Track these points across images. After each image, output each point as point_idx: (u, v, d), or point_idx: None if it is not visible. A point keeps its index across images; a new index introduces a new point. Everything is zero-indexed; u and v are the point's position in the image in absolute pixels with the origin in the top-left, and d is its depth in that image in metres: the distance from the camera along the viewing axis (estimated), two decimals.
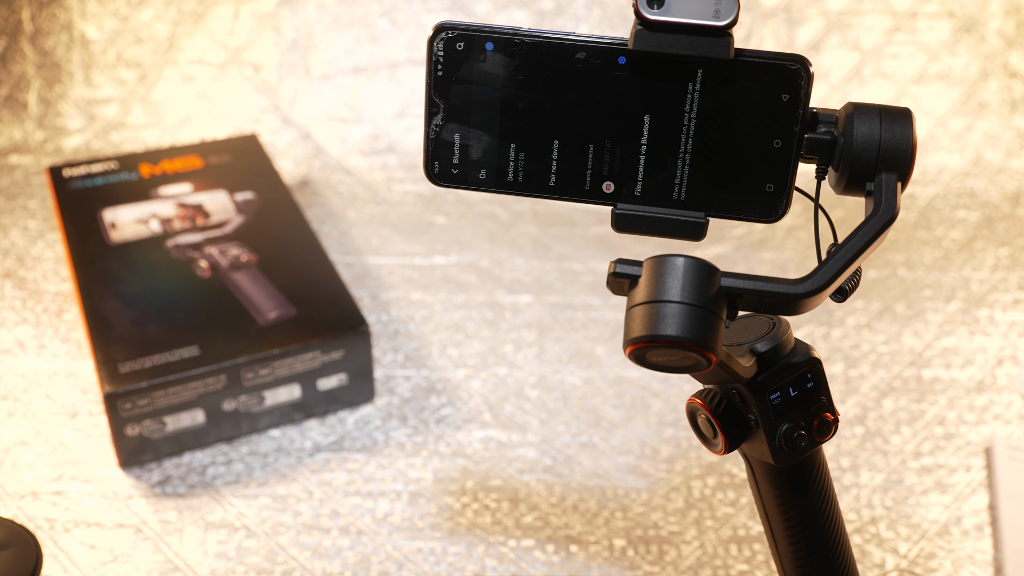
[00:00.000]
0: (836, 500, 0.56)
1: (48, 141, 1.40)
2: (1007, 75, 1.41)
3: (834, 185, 0.48)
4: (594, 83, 0.47)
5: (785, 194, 0.48)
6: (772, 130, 0.47)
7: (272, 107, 1.41)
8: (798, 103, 0.46)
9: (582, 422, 1.00)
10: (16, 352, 1.05)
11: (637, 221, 0.48)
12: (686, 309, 0.44)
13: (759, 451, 0.53)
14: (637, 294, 0.45)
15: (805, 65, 0.46)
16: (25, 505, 0.90)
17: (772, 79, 0.46)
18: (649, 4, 0.44)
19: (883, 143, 0.46)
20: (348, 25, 1.43)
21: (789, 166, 0.47)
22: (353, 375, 0.99)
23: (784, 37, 1.42)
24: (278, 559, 0.86)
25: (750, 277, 0.46)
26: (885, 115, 0.46)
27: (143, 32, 1.43)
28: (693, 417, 0.54)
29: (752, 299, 0.46)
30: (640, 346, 0.44)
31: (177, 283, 1.02)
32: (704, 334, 0.44)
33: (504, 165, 0.49)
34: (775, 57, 0.46)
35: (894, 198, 0.45)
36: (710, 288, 0.45)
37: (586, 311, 1.14)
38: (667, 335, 0.44)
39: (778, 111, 0.46)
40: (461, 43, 0.47)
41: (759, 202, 0.48)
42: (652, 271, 0.45)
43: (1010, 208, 1.33)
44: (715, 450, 0.53)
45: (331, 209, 1.30)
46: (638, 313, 0.45)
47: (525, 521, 0.90)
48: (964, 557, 0.87)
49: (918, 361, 1.07)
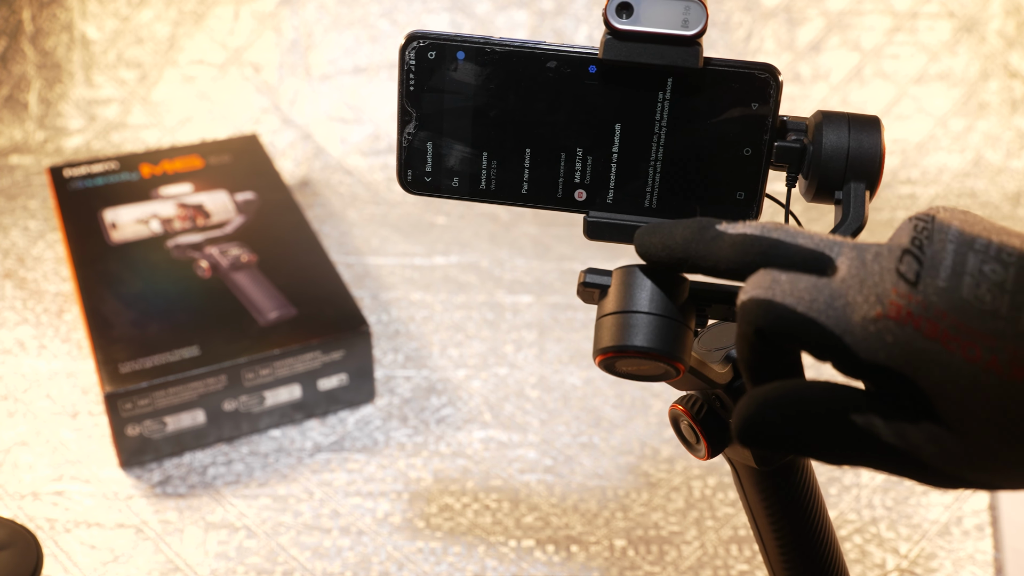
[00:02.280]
0: (823, 501, 0.56)
1: (48, 141, 1.40)
2: (1007, 75, 1.41)
3: (804, 193, 0.48)
4: (565, 92, 0.47)
5: (756, 202, 0.48)
6: (742, 138, 0.47)
7: (272, 107, 1.41)
8: (767, 112, 0.46)
9: (582, 422, 1.00)
10: (16, 352, 1.05)
11: (609, 229, 0.49)
12: (654, 320, 0.44)
13: (741, 455, 0.54)
14: (607, 304, 0.46)
15: (774, 74, 0.46)
16: (25, 505, 0.90)
17: (742, 88, 0.46)
18: (618, 13, 0.44)
19: (851, 152, 0.46)
20: (348, 25, 1.43)
21: (759, 174, 0.47)
22: (353, 375, 0.99)
23: (784, 37, 1.42)
24: (278, 559, 0.86)
25: (719, 286, 0.46)
26: (854, 123, 0.46)
27: (143, 32, 1.43)
28: (676, 423, 0.55)
29: (721, 309, 0.46)
30: (609, 356, 0.45)
31: (177, 283, 1.02)
32: (672, 344, 0.44)
33: (476, 173, 0.49)
34: (744, 66, 0.46)
35: (862, 207, 0.46)
36: (678, 298, 0.45)
37: (586, 311, 1.14)
38: (635, 345, 0.44)
39: (748, 119, 0.47)
40: (432, 52, 0.47)
41: (730, 210, 0.48)
42: (621, 281, 0.46)
43: (1010, 208, 1.33)
44: (698, 455, 0.54)
45: (331, 209, 1.30)
46: (607, 323, 0.45)
47: (525, 521, 0.90)
48: (964, 557, 0.87)
49: None
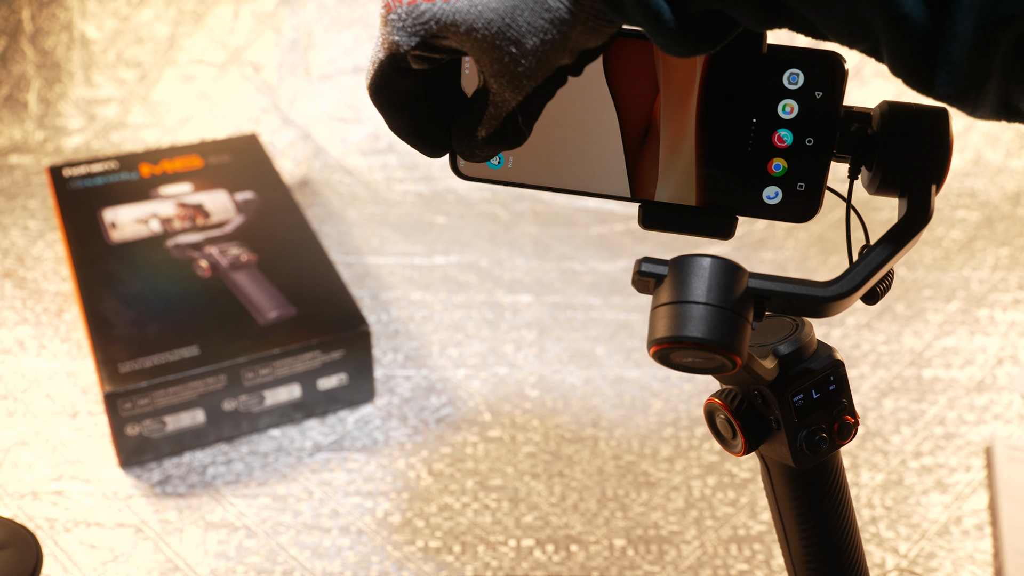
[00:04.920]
0: (851, 505, 0.56)
1: (48, 141, 1.40)
2: None
3: (867, 185, 0.47)
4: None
5: (817, 193, 0.46)
6: (805, 127, 0.46)
7: (272, 107, 1.41)
8: (832, 100, 0.45)
9: (582, 422, 1.00)
10: (16, 352, 1.05)
11: (665, 218, 0.48)
12: (712, 311, 0.43)
13: (778, 453, 0.52)
14: (662, 294, 0.44)
15: (840, 62, 0.45)
16: (25, 505, 0.90)
17: (805, 75, 0.45)
18: None
19: (919, 144, 0.45)
20: (348, 25, 1.43)
21: (822, 164, 0.46)
22: (353, 375, 0.99)
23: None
24: (278, 559, 0.86)
25: (778, 279, 0.44)
26: (921, 115, 0.45)
27: (143, 32, 1.43)
28: (712, 417, 0.53)
29: (779, 301, 0.45)
30: (665, 347, 0.44)
31: (177, 283, 1.02)
32: (730, 336, 0.43)
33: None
34: (808, 54, 0.45)
35: (928, 201, 0.44)
36: (736, 289, 0.44)
37: (586, 311, 1.14)
38: (692, 336, 0.43)
39: (811, 108, 0.45)
40: None
41: (791, 200, 0.47)
42: (678, 271, 0.44)
43: (1010, 208, 1.33)
44: (734, 451, 0.52)
45: (331, 209, 1.30)
46: (663, 313, 0.44)
47: (525, 521, 0.90)
48: (964, 557, 0.87)
49: (918, 361, 1.07)
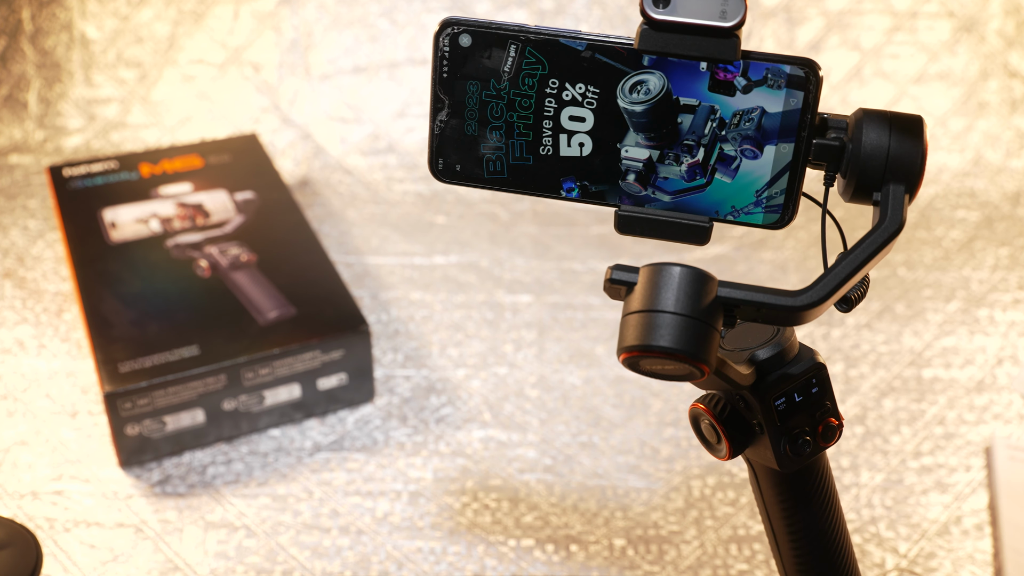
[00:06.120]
0: (839, 505, 0.56)
1: (48, 141, 1.40)
2: (1007, 75, 1.41)
3: (841, 192, 0.47)
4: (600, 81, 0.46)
5: (792, 201, 0.46)
6: (779, 134, 0.46)
7: (272, 107, 1.41)
8: (807, 107, 0.45)
9: (582, 422, 1.00)
10: (16, 352, 1.05)
11: (640, 224, 0.48)
12: (680, 320, 0.43)
13: (763, 456, 0.53)
14: (633, 301, 0.45)
15: (814, 68, 0.44)
16: (25, 505, 0.90)
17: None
18: (655, 3, 0.43)
19: (892, 152, 0.44)
20: (348, 25, 1.43)
21: (797, 171, 0.46)
22: (353, 375, 0.99)
23: (784, 37, 1.42)
24: (278, 559, 0.86)
25: (748, 288, 0.45)
26: (895, 123, 0.45)
27: (143, 32, 1.43)
28: (696, 422, 0.54)
29: (749, 310, 0.45)
30: (634, 354, 0.44)
31: (177, 283, 1.02)
32: (697, 345, 0.43)
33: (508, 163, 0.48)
34: (783, 60, 0.45)
35: (900, 210, 0.44)
36: (705, 298, 0.44)
37: (586, 311, 1.14)
38: (660, 346, 0.43)
39: (785, 115, 0.45)
40: (467, 39, 0.46)
41: (766, 208, 0.47)
42: (648, 279, 0.45)
43: (1010, 208, 1.33)
44: (719, 455, 0.53)
45: (331, 209, 1.30)
46: (632, 321, 0.44)
47: (525, 521, 0.90)
48: (964, 557, 0.87)
49: (918, 361, 1.07)
